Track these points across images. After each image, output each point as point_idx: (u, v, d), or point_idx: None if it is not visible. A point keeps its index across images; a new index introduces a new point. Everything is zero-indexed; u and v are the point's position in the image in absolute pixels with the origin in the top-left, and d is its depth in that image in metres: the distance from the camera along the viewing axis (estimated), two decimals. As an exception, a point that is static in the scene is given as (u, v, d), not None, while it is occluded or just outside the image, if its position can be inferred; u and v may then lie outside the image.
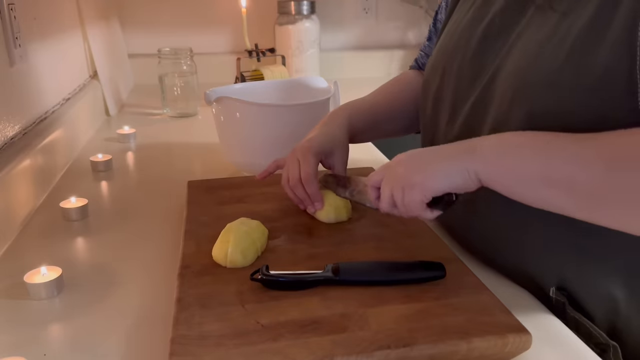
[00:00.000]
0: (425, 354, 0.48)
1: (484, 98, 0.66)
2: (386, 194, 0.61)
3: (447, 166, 0.57)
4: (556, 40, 0.57)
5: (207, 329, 0.50)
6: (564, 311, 0.61)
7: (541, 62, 0.58)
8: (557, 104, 0.56)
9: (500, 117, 0.63)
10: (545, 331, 0.57)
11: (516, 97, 0.60)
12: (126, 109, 1.52)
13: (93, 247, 0.77)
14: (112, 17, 1.65)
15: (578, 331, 0.59)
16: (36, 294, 0.63)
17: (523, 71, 0.60)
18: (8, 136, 0.88)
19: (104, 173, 1.03)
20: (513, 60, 0.62)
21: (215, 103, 0.92)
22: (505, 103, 0.62)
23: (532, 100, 0.59)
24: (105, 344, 0.56)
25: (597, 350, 0.57)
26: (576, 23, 0.56)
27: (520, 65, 0.61)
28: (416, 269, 0.59)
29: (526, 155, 0.54)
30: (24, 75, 0.98)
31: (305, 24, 1.68)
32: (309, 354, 0.47)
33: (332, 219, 0.73)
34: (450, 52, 0.73)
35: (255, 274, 0.57)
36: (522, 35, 0.63)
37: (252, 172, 0.94)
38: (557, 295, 0.61)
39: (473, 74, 0.68)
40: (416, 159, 0.60)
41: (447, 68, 0.74)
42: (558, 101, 0.56)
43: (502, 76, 0.63)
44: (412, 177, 0.58)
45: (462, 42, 0.71)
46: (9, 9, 0.90)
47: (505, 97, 0.62)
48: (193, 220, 0.73)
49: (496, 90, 0.64)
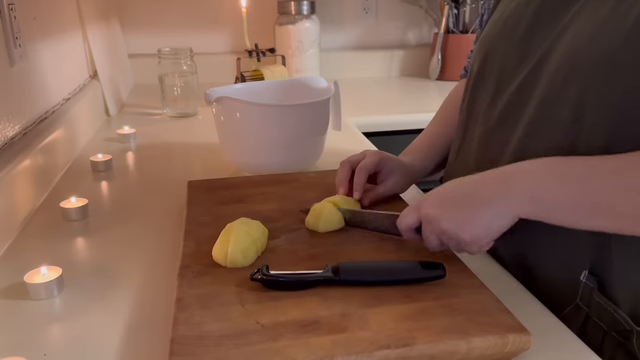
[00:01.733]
0: (425, 354, 0.48)
1: (531, 80, 0.65)
2: (434, 243, 0.62)
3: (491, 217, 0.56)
4: (614, 22, 0.57)
5: (207, 329, 0.50)
6: (590, 296, 0.60)
7: (598, 43, 0.58)
8: (614, 83, 0.56)
9: (549, 97, 0.62)
10: (545, 331, 0.57)
11: (570, 76, 0.60)
12: (126, 109, 1.52)
13: (93, 247, 0.77)
14: (112, 17, 1.65)
15: (600, 319, 0.59)
16: (36, 294, 0.63)
17: (578, 52, 0.59)
18: (8, 136, 0.88)
19: (104, 173, 1.03)
20: (566, 43, 0.61)
21: (215, 103, 0.92)
22: (558, 83, 0.61)
23: (589, 78, 0.58)
24: (105, 344, 0.56)
25: (619, 337, 0.58)
26: (635, 6, 0.56)
27: (574, 47, 0.60)
28: (416, 269, 0.59)
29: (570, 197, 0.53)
30: (24, 75, 0.98)
31: (305, 24, 1.68)
32: (309, 354, 0.47)
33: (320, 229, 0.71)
34: (494, 37, 0.73)
35: (255, 274, 0.57)
36: (576, 19, 0.62)
37: (253, 172, 0.94)
38: (588, 279, 0.60)
39: (520, 56, 0.67)
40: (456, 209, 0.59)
41: (490, 53, 0.73)
42: (616, 80, 0.56)
43: (554, 58, 0.63)
44: (461, 235, 0.58)
45: (508, 27, 0.70)
46: (9, 9, 0.90)
47: (558, 77, 0.61)
48: (193, 220, 0.73)
49: (544, 71, 0.63)
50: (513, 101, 0.68)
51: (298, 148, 0.95)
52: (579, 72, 0.59)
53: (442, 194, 0.61)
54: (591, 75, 0.58)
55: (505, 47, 0.70)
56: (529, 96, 0.65)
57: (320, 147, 0.99)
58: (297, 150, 0.95)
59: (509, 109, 0.68)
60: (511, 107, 0.68)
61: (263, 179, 0.89)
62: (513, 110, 0.68)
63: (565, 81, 0.60)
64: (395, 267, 0.59)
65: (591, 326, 0.60)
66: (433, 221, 0.60)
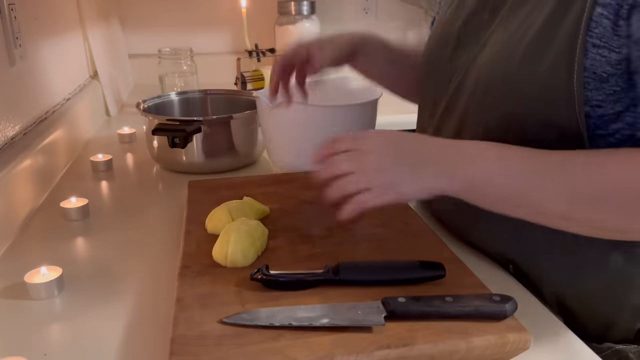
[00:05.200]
0: (425, 354, 0.48)
1: (453, 102, 0.68)
2: (343, 167, 0.58)
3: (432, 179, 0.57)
4: (509, 49, 0.59)
5: (207, 329, 0.50)
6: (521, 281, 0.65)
7: (497, 68, 0.60)
8: (511, 110, 0.58)
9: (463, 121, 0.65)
10: (545, 331, 0.57)
11: (478, 100, 0.62)
12: (126, 109, 1.52)
13: (93, 247, 0.77)
14: (112, 17, 1.65)
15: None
16: (36, 294, 0.63)
17: (482, 77, 0.62)
18: (8, 136, 0.88)
19: (104, 173, 1.03)
20: (477, 66, 0.63)
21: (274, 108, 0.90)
22: (469, 108, 0.64)
23: (492, 103, 0.60)
24: (105, 344, 0.56)
25: None
26: (528, 33, 0.58)
27: (481, 71, 0.62)
28: (416, 269, 0.59)
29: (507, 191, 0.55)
30: (24, 75, 0.98)
31: (305, 24, 1.68)
32: (309, 354, 0.47)
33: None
34: (430, 53, 0.76)
35: (255, 274, 0.57)
36: (488, 41, 0.64)
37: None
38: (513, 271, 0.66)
39: (449, 77, 0.69)
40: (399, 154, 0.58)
41: (426, 65, 0.76)
42: (512, 108, 0.58)
43: (469, 80, 0.65)
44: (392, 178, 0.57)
45: (440, 44, 0.73)
46: (9, 9, 0.91)
47: (470, 102, 0.64)
48: (193, 220, 0.73)
49: (463, 94, 0.66)
50: (443, 119, 0.70)
51: None
52: (485, 97, 0.62)
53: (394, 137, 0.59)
54: (492, 100, 0.60)
55: (438, 65, 0.72)
56: (452, 116, 0.67)
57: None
58: None
59: (440, 125, 0.71)
60: (442, 124, 0.71)
61: (263, 179, 0.89)
62: (444, 127, 0.70)
63: (475, 103, 0.63)
64: (395, 267, 0.59)
65: None
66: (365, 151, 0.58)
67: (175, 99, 1.17)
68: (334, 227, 0.71)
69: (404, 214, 0.75)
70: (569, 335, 0.57)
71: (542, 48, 0.56)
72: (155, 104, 1.11)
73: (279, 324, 0.50)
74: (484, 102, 0.62)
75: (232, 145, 1.01)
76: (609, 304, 0.63)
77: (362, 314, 0.51)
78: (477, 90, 0.63)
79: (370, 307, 0.52)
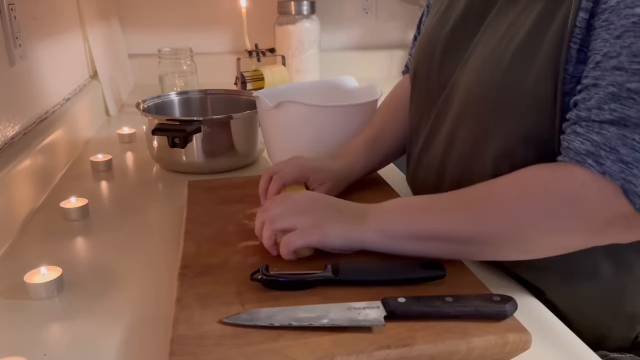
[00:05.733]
0: (425, 354, 0.48)
1: (443, 111, 0.68)
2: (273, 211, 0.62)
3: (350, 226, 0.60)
4: (495, 59, 0.59)
5: (207, 329, 0.50)
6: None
7: (482, 79, 0.60)
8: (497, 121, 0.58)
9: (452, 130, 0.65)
10: (545, 331, 0.57)
11: (466, 110, 0.63)
12: (126, 109, 1.52)
13: (93, 247, 0.77)
14: (112, 17, 1.65)
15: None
16: (36, 294, 0.63)
17: (469, 87, 0.62)
18: (8, 136, 0.88)
19: (104, 173, 1.03)
20: (466, 74, 0.63)
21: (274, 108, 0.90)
22: (458, 118, 0.64)
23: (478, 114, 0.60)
24: (105, 344, 0.56)
25: None
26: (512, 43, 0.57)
27: (468, 80, 0.62)
28: (416, 269, 0.59)
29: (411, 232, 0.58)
30: (24, 75, 0.98)
31: (305, 24, 1.68)
32: (309, 354, 0.47)
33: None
34: (420, 55, 0.75)
35: (255, 274, 0.57)
36: (477, 46, 0.63)
37: None
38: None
39: (439, 84, 0.69)
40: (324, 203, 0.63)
41: (417, 71, 0.75)
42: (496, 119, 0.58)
43: (458, 89, 0.65)
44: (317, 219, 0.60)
45: (428, 50, 0.72)
46: (9, 9, 0.90)
47: (458, 112, 0.64)
48: (193, 220, 0.73)
49: (452, 104, 0.65)
50: (433, 128, 0.70)
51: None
52: (470, 107, 0.62)
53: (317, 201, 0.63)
54: (479, 111, 0.61)
55: (428, 72, 0.72)
56: (442, 125, 0.68)
57: None
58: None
59: (430, 135, 0.71)
60: (431, 134, 0.70)
61: (263, 179, 0.89)
62: (433, 137, 0.70)
63: (463, 114, 0.63)
64: (395, 267, 0.59)
65: None
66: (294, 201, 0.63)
67: (175, 99, 1.17)
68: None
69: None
70: (570, 335, 0.57)
71: (527, 58, 0.55)
72: (155, 104, 1.11)
73: (279, 324, 0.50)
74: (471, 113, 0.62)
75: (232, 145, 1.01)
76: (603, 313, 0.62)
77: (362, 314, 0.51)
78: (465, 101, 0.63)
79: (370, 307, 0.52)
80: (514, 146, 0.57)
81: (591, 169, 0.48)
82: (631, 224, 0.49)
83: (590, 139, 0.49)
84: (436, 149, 0.69)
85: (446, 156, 0.67)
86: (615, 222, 0.49)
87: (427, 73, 0.72)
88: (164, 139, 0.94)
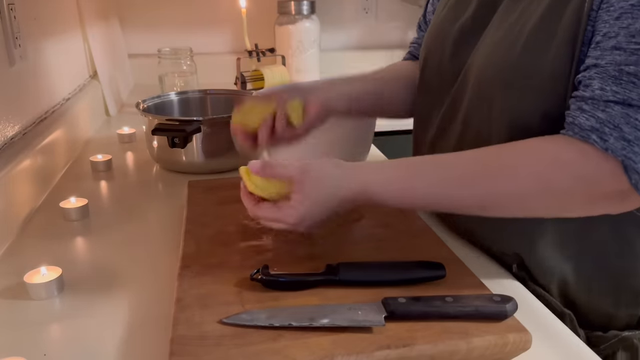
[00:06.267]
0: (425, 355, 0.48)
1: (458, 97, 0.69)
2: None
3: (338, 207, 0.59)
4: (507, 43, 0.60)
5: (207, 329, 0.50)
6: (527, 286, 0.65)
7: (494, 62, 0.61)
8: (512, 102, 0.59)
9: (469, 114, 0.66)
10: (545, 331, 0.57)
11: (479, 94, 0.63)
12: (126, 109, 1.52)
13: (93, 247, 0.77)
14: (112, 17, 1.65)
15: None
16: (36, 294, 0.63)
17: (481, 71, 0.63)
18: (8, 136, 0.88)
19: (104, 173, 1.03)
20: (478, 58, 0.65)
21: None
22: (474, 100, 0.65)
23: (492, 97, 0.61)
24: (105, 344, 0.56)
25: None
26: (525, 27, 0.58)
27: (479, 64, 0.64)
28: (416, 269, 0.59)
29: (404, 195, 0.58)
30: (24, 75, 0.98)
31: (305, 24, 1.68)
32: (309, 354, 0.47)
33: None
34: (431, 44, 0.76)
35: (255, 274, 0.57)
36: (489, 33, 0.65)
37: None
38: (517, 271, 0.67)
39: (453, 72, 0.70)
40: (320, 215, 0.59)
41: (428, 59, 0.76)
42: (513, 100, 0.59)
43: (471, 75, 0.66)
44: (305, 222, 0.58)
45: (439, 41, 0.73)
46: (9, 9, 0.90)
47: (473, 95, 0.65)
48: (193, 220, 0.73)
49: (466, 90, 0.67)
50: (447, 115, 0.70)
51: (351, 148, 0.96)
52: (484, 91, 0.63)
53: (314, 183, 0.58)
54: (493, 93, 0.61)
55: (440, 61, 0.72)
56: (457, 112, 0.69)
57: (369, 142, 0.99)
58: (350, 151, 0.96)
59: (444, 122, 0.71)
60: (445, 121, 0.71)
61: (263, 179, 0.89)
62: (447, 124, 0.71)
63: (477, 99, 0.64)
64: (396, 267, 0.59)
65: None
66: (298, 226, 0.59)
67: (175, 99, 1.17)
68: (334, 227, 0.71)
69: (404, 214, 0.75)
70: (570, 335, 0.57)
71: (543, 39, 0.56)
72: (155, 104, 1.11)
73: (279, 324, 0.50)
74: (485, 96, 0.63)
75: (232, 145, 1.01)
76: (609, 291, 0.64)
77: (362, 314, 0.51)
78: (478, 85, 0.64)
79: (370, 308, 0.52)
80: (531, 124, 0.58)
81: (595, 145, 0.50)
82: (625, 199, 0.52)
83: (596, 115, 0.50)
84: (450, 136, 0.69)
85: (462, 142, 0.67)
86: (613, 196, 0.52)
87: (438, 62, 0.72)
88: (164, 139, 0.94)
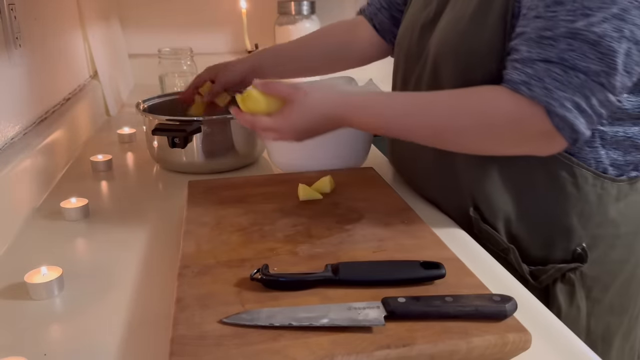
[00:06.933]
0: (425, 354, 0.48)
1: (421, 74, 0.81)
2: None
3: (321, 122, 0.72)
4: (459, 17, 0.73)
5: (207, 329, 0.50)
6: (479, 226, 0.76)
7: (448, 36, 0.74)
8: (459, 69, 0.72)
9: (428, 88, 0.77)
10: (545, 331, 0.57)
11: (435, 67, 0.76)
12: (126, 109, 1.52)
13: (93, 247, 0.77)
14: (112, 17, 1.65)
15: (488, 241, 0.76)
16: (36, 293, 0.63)
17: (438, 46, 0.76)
18: (8, 136, 0.88)
19: (104, 173, 1.03)
20: (435, 38, 0.77)
21: None
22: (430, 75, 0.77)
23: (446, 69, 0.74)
24: (105, 344, 0.56)
25: (502, 254, 0.75)
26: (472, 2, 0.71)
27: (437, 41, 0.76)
28: (416, 269, 0.59)
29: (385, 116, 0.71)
30: (24, 75, 0.98)
31: (305, 24, 1.68)
32: (309, 354, 0.47)
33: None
34: (402, 35, 0.89)
35: (255, 274, 0.58)
36: (443, 18, 0.77)
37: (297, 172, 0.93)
38: (473, 213, 0.77)
39: (418, 54, 0.82)
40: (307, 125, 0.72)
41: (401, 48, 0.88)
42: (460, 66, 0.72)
43: (430, 53, 0.78)
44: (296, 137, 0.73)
45: (409, 29, 0.86)
46: (9, 9, 0.90)
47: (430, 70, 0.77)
48: (193, 220, 0.73)
49: (427, 65, 0.79)
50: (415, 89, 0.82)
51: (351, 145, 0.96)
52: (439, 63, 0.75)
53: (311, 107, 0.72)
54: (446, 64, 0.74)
55: (409, 44, 0.85)
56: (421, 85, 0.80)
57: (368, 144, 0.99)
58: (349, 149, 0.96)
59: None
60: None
61: (263, 179, 0.89)
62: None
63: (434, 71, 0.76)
64: (395, 267, 0.59)
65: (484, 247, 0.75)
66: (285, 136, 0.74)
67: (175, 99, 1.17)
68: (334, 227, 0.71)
69: (404, 214, 0.75)
70: (570, 335, 0.57)
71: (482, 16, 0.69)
72: (155, 104, 1.11)
73: (279, 324, 0.50)
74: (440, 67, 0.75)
75: (232, 145, 1.01)
76: (544, 224, 0.74)
77: (362, 314, 0.51)
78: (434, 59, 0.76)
79: (370, 307, 0.52)
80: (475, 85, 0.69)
81: (524, 94, 0.62)
82: (550, 140, 0.63)
83: (525, 72, 0.63)
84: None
85: None
86: (540, 137, 0.64)
87: (408, 45, 0.85)
88: (164, 139, 0.94)
